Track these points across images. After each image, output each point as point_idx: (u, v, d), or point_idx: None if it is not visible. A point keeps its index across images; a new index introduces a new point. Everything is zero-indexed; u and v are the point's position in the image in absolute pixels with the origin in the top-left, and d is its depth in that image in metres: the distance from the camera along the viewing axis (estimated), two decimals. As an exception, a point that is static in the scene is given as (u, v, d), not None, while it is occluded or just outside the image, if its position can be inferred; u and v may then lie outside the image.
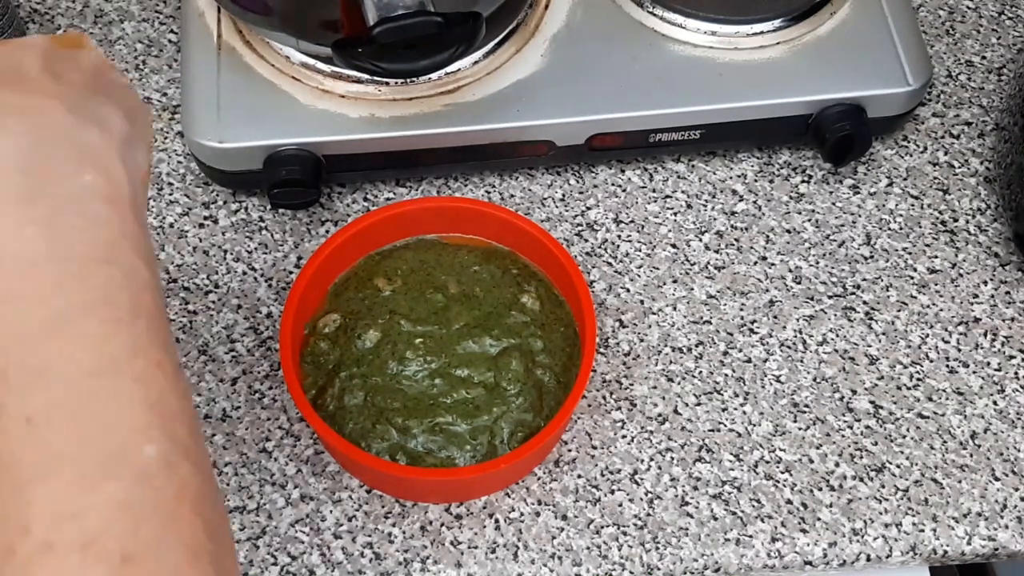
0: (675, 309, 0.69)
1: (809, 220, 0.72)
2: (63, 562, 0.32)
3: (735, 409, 0.66)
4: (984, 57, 0.78)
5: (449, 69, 0.68)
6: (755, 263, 0.71)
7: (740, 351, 0.68)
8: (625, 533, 0.62)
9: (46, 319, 0.35)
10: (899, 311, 0.69)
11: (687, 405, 0.66)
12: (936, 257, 0.71)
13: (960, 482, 0.64)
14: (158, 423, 0.35)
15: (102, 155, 0.38)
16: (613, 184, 0.73)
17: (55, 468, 0.33)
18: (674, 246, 0.71)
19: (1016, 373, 0.67)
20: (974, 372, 0.67)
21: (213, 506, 0.36)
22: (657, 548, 0.62)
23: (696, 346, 0.68)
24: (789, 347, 0.68)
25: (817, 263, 0.71)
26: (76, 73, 0.41)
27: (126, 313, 0.36)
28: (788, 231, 0.72)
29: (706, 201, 0.72)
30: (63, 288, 0.35)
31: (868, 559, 0.62)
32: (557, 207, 0.72)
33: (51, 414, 0.34)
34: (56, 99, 0.38)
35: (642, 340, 0.68)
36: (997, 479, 0.64)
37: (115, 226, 0.37)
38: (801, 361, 0.68)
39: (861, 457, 0.65)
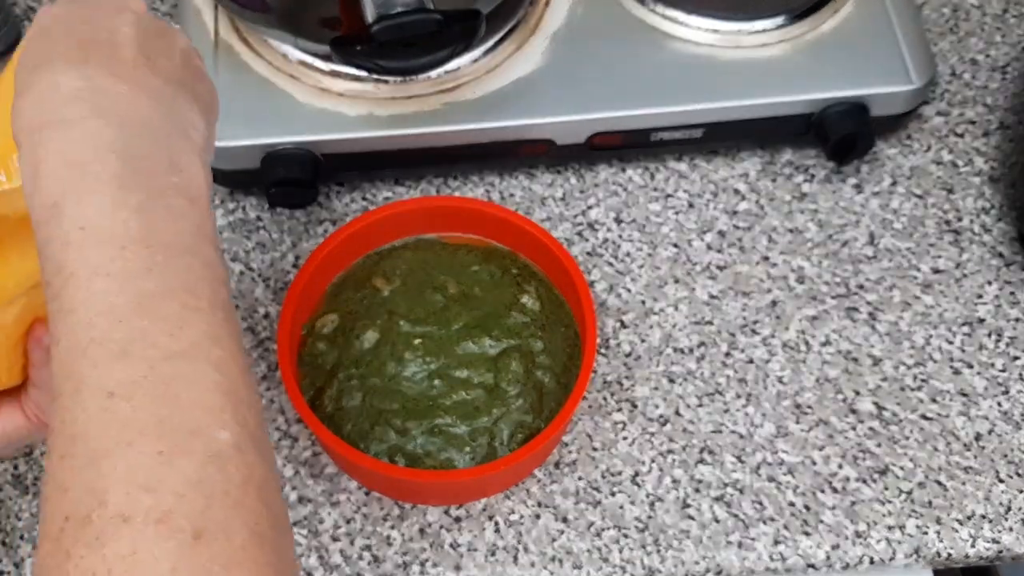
0: (677, 309, 0.69)
1: (812, 220, 0.71)
2: (138, 534, 0.33)
3: (737, 410, 0.66)
4: (988, 55, 0.77)
5: (448, 67, 0.68)
6: (757, 263, 0.70)
7: (742, 352, 0.67)
8: (626, 535, 0.62)
9: (132, 299, 0.36)
10: (903, 311, 0.69)
11: (689, 406, 0.66)
12: (940, 257, 0.70)
13: (964, 484, 0.64)
14: (231, 409, 0.36)
15: (188, 159, 0.41)
16: (614, 183, 0.72)
17: (133, 442, 0.34)
18: (676, 246, 0.70)
19: (1021, 374, 0.67)
20: (978, 373, 0.67)
21: (276, 496, 0.37)
22: (658, 551, 0.62)
23: (698, 347, 0.67)
24: (792, 348, 0.67)
25: (820, 263, 0.70)
26: (167, 60, 0.43)
27: (206, 303, 0.37)
28: (791, 231, 0.71)
29: (708, 200, 0.72)
30: (150, 271, 0.36)
31: (871, 562, 0.62)
32: (557, 206, 0.72)
33: (132, 390, 0.35)
34: (153, 100, 0.40)
35: (643, 341, 0.67)
36: (1001, 481, 0.64)
37: (196, 222, 0.39)
38: (804, 362, 0.67)
39: (864, 459, 0.64)
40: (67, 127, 0.38)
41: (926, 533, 0.62)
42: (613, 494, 0.63)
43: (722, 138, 0.72)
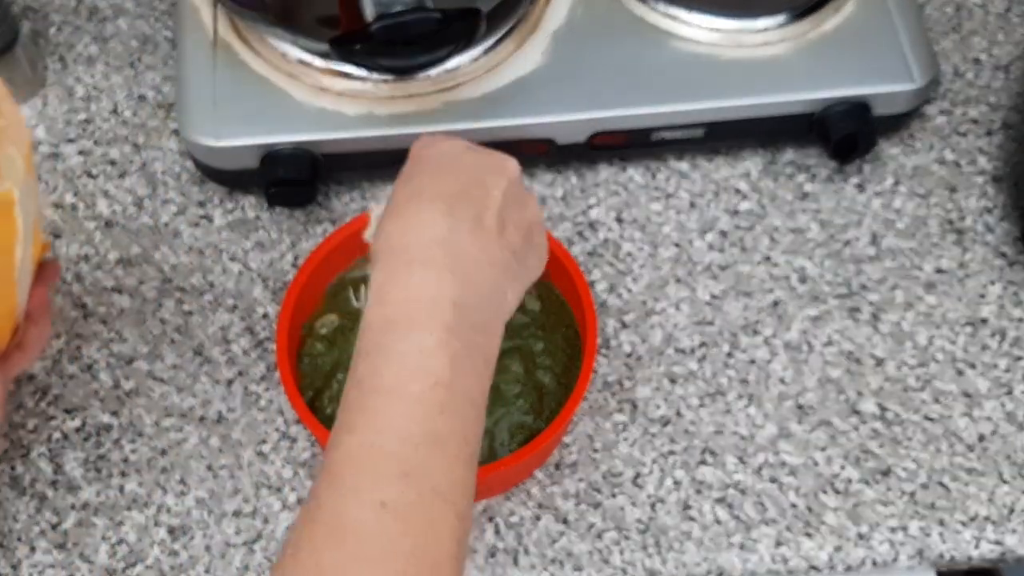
0: (678, 309, 0.68)
1: (814, 219, 0.71)
2: None
3: (739, 411, 0.65)
4: (991, 54, 0.77)
5: (448, 66, 0.67)
6: (759, 263, 0.70)
7: (744, 352, 0.67)
8: (627, 537, 0.62)
9: (426, 431, 0.41)
10: (905, 312, 0.68)
11: (690, 407, 0.65)
12: (943, 257, 0.70)
13: (967, 485, 0.63)
14: (460, 558, 0.42)
15: (495, 326, 0.46)
16: (615, 183, 0.72)
17: (390, 556, 0.39)
18: (677, 245, 0.70)
19: (1024, 375, 0.67)
20: (982, 374, 0.67)
21: None
22: (659, 553, 0.61)
23: (699, 347, 0.67)
24: (794, 348, 0.67)
25: (822, 263, 0.70)
26: (515, 231, 0.48)
27: (470, 453, 0.43)
28: (793, 230, 0.71)
29: (709, 200, 0.72)
30: (443, 412, 0.42)
31: (874, 563, 0.62)
32: (558, 206, 0.71)
33: (401, 509, 0.40)
34: (492, 267, 0.46)
35: (644, 341, 0.67)
36: (1005, 482, 0.63)
37: (483, 382, 0.44)
38: (806, 362, 0.67)
39: (867, 460, 0.64)
40: (422, 266, 0.43)
41: (929, 535, 0.62)
42: (614, 495, 0.63)
43: (724, 137, 0.71)
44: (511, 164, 0.49)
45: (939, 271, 0.70)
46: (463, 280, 0.44)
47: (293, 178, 0.66)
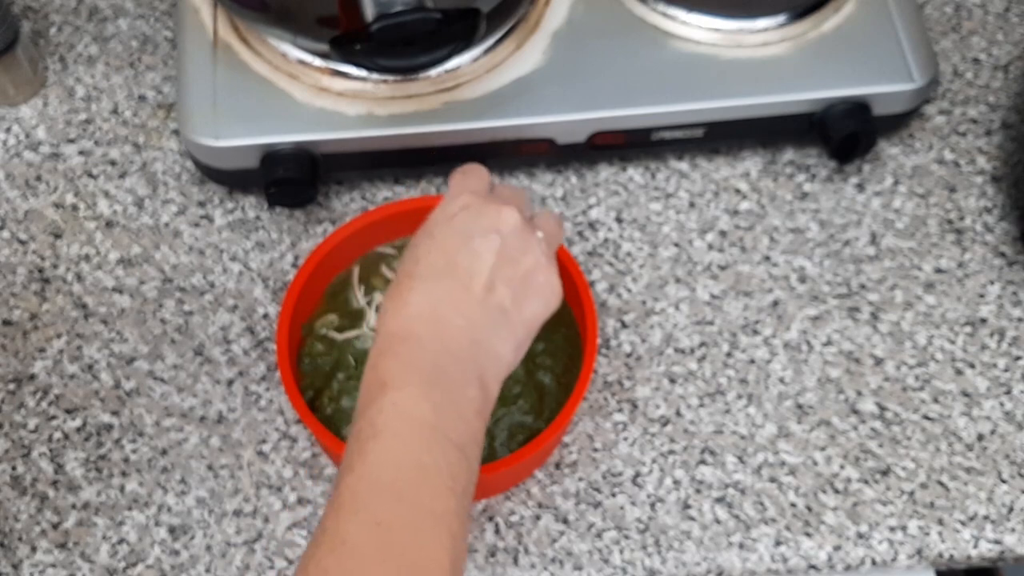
0: (678, 309, 0.68)
1: (814, 219, 0.71)
2: None
3: (738, 411, 0.65)
4: (991, 54, 0.77)
5: (448, 66, 0.67)
6: (759, 263, 0.70)
7: (744, 352, 0.67)
8: (627, 537, 0.62)
9: (414, 462, 0.46)
10: (905, 311, 0.68)
11: (690, 407, 0.65)
12: (942, 257, 0.70)
13: (966, 485, 0.63)
14: (452, 573, 0.46)
15: (492, 379, 0.50)
16: (615, 183, 0.72)
17: (385, 562, 0.44)
18: (677, 245, 0.70)
19: (1023, 374, 0.67)
20: (981, 373, 0.67)
21: None
22: (659, 552, 0.61)
23: (699, 347, 0.67)
24: (793, 348, 0.67)
25: (822, 263, 0.70)
26: (505, 287, 0.52)
27: (460, 489, 0.47)
28: (792, 230, 0.71)
29: (709, 200, 0.72)
30: (430, 450, 0.47)
31: (873, 563, 0.62)
32: (558, 206, 0.71)
33: (396, 525, 0.45)
34: (479, 327, 0.50)
35: (644, 341, 0.67)
36: (1004, 481, 0.63)
37: (473, 431, 0.49)
38: (805, 362, 0.67)
39: (866, 459, 0.64)
40: (406, 343, 0.49)
41: (928, 534, 0.62)
42: (614, 495, 0.63)
43: (723, 137, 0.71)
44: (507, 217, 0.52)
45: (938, 271, 0.70)
46: (443, 349, 0.49)
47: (293, 178, 0.66)
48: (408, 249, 0.53)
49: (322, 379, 0.62)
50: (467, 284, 0.51)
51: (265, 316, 0.68)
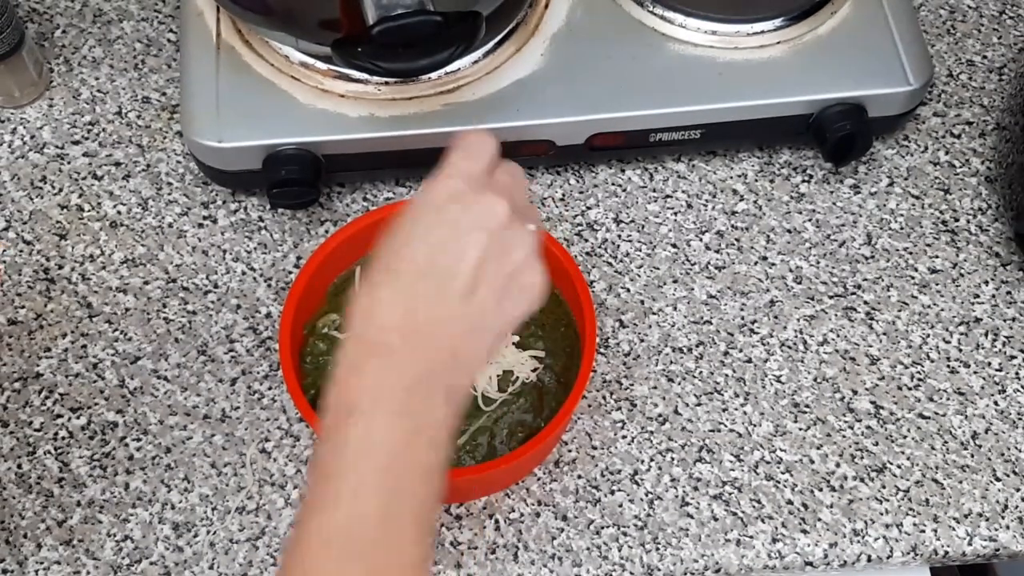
0: (675, 309, 0.69)
1: (810, 220, 0.72)
2: None
3: (736, 409, 0.66)
4: (985, 56, 0.78)
5: (449, 68, 0.68)
6: (756, 263, 0.70)
7: (741, 351, 0.68)
8: (625, 534, 0.62)
9: (381, 504, 0.45)
10: (900, 311, 0.69)
11: (687, 405, 0.66)
12: (937, 257, 0.71)
13: (961, 482, 0.64)
14: None
15: (461, 392, 0.48)
16: (613, 184, 0.73)
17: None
18: (674, 246, 0.71)
19: (1017, 373, 0.67)
20: (975, 372, 0.67)
21: None
22: (657, 549, 0.62)
23: (696, 346, 0.68)
24: (790, 347, 0.68)
25: (818, 263, 0.70)
26: (488, 289, 0.48)
27: (427, 523, 0.46)
28: (789, 231, 0.71)
29: (706, 201, 0.72)
30: (396, 489, 0.45)
31: (869, 560, 0.62)
32: (557, 207, 0.72)
33: (362, 548, 0.44)
34: (456, 332, 0.47)
35: (642, 340, 0.68)
36: (998, 479, 0.64)
37: (442, 456, 0.46)
38: (802, 361, 0.67)
39: (862, 457, 0.65)
40: (378, 357, 0.46)
41: (923, 531, 0.63)
42: (612, 492, 0.63)
43: (720, 139, 0.72)
44: (497, 211, 0.48)
45: (933, 271, 0.70)
46: (415, 366, 0.46)
47: (296, 179, 0.67)
48: (389, 235, 0.49)
49: (324, 378, 0.62)
50: (448, 286, 0.47)
51: (268, 316, 0.68)
